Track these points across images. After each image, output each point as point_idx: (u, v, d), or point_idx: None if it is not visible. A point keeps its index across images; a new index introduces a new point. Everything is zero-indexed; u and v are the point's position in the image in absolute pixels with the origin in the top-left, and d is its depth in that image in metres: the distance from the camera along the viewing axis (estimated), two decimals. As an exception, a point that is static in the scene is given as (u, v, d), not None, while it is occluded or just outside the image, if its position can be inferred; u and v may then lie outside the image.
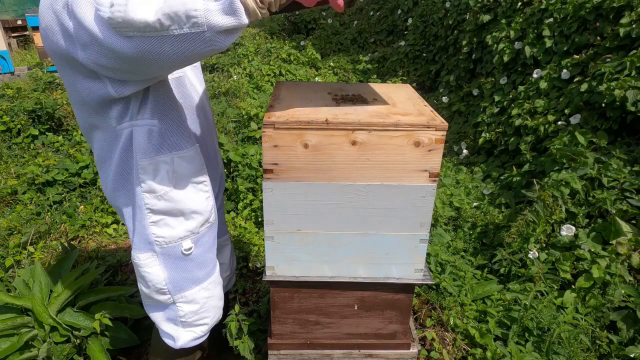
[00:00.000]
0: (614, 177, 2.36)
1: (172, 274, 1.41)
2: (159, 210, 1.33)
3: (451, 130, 4.16)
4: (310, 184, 1.27)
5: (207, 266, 1.50)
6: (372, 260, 1.40)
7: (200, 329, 1.54)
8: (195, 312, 1.49)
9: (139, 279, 1.44)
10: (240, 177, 3.28)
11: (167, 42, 0.97)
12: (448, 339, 2.14)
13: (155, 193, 1.31)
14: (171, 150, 1.30)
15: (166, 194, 1.32)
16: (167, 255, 1.39)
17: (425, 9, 5.57)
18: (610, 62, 2.78)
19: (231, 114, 4.19)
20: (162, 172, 1.30)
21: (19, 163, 3.92)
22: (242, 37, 6.74)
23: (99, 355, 1.83)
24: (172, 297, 1.44)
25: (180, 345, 1.52)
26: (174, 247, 1.39)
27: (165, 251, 1.38)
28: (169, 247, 1.38)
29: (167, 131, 1.28)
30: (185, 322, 1.50)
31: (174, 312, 1.47)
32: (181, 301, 1.46)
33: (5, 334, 1.79)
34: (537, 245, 2.34)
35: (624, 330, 1.96)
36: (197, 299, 1.48)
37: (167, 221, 1.35)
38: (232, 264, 1.88)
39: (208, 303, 1.52)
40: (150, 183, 1.29)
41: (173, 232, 1.37)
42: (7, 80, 6.10)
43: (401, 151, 1.23)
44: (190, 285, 1.45)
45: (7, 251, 2.63)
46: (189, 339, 1.52)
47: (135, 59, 1.01)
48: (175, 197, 1.34)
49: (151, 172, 1.28)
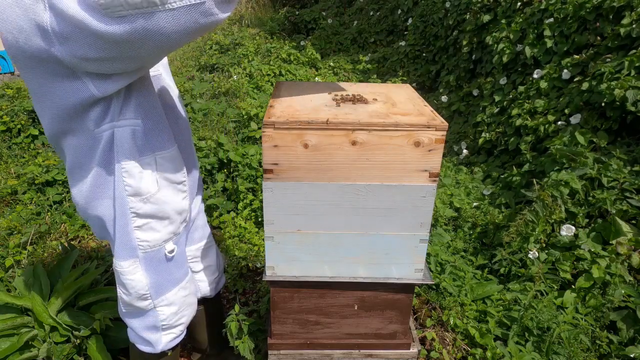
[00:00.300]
0: (613, 177, 2.36)
1: (154, 278, 1.39)
2: (144, 214, 1.29)
3: (451, 130, 4.16)
4: (310, 184, 1.27)
5: (183, 265, 1.50)
6: (372, 260, 1.40)
7: (178, 328, 1.55)
8: (175, 313, 1.50)
9: (119, 286, 1.40)
10: (240, 177, 3.28)
11: (164, 18, 0.92)
12: (448, 339, 2.14)
13: (141, 196, 1.27)
14: (154, 151, 1.26)
15: (152, 197, 1.29)
16: (150, 259, 1.36)
17: (425, 9, 5.57)
18: (610, 62, 2.78)
19: (231, 114, 4.19)
20: (146, 174, 1.26)
21: (19, 163, 3.92)
22: (242, 37, 6.74)
23: (99, 355, 1.83)
24: (152, 302, 1.42)
25: (161, 349, 1.52)
26: (158, 250, 1.37)
27: (149, 256, 1.36)
28: (153, 252, 1.36)
29: (150, 131, 1.24)
30: (165, 326, 1.49)
31: (154, 317, 1.46)
32: (162, 304, 1.45)
33: (5, 334, 1.79)
34: (537, 245, 2.34)
35: (624, 330, 1.96)
36: (175, 301, 1.48)
37: (152, 225, 1.32)
38: (219, 265, 1.86)
39: (185, 301, 1.53)
40: (136, 186, 1.25)
41: (157, 236, 1.35)
42: (7, 80, 6.10)
43: (401, 151, 1.23)
44: (171, 286, 1.45)
45: (7, 251, 2.63)
46: (169, 340, 1.53)
47: (128, 42, 0.95)
48: (161, 198, 1.31)
49: (136, 174, 1.24)
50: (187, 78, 5.34)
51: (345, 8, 7.75)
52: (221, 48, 6.62)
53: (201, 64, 6.28)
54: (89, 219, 1.37)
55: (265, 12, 9.23)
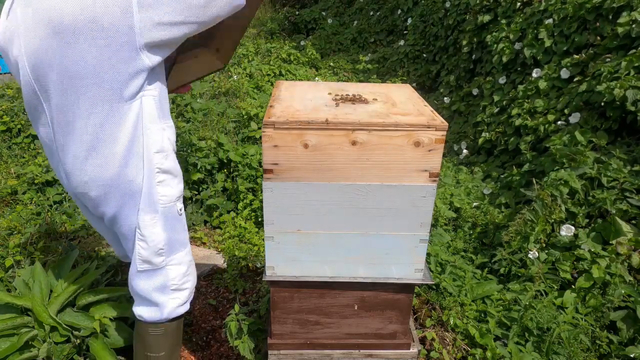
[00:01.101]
0: (613, 177, 2.36)
1: (169, 235, 1.51)
2: (165, 170, 1.44)
3: (451, 130, 4.16)
4: (310, 184, 1.27)
5: (186, 229, 1.61)
6: (372, 260, 1.40)
7: (183, 293, 1.61)
8: (183, 274, 1.59)
9: (138, 242, 1.49)
10: (240, 177, 3.28)
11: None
12: (448, 339, 2.14)
13: (164, 152, 1.42)
14: (163, 119, 1.43)
15: (170, 154, 1.46)
16: (166, 215, 1.49)
17: (425, 9, 5.57)
18: (610, 62, 2.78)
19: (231, 114, 4.19)
20: (164, 135, 1.42)
21: (19, 163, 3.92)
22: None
23: (103, 353, 1.83)
24: (165, 260, 1.53)
25: (166, 314, 1.59)
26: (172, 206, 1.50)
27: (166, 211, 1.48)
28: (169, 207, 1.49)
29: (161, 100, 1.41)
30: (173, 286, 1.58)
31: (165, 276, 1.55)
32: (172, 263, 1.55)
33: (5, 334, 1.79)
34: (537, 245, 2.34)
35: (624, 330, 1.97)
36: (184, 261, 1.59)
37: (168, 181, 1.47)
38: None
39: (191, 266, 1.63)
40: (160, 143, 1.40)
41: (172, 192, 1.49)
42: (7, 81, 6.09)
43: (401, 151, 1.23)
44: (179, 247, 1.57)
45: (7, 251, 2.63)
46: (175, 306, 1.59)
47: (211, 3, 1.21)
48: (173, 157, 1.49)
49: (159, 134, 1.39)
50: (187, 78, 5.33)
51: (345, 8, 7.75)
52: (221, 48, 6.61)
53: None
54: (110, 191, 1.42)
55: (265, 12, 9.24)
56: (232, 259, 2.77)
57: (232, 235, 2.98)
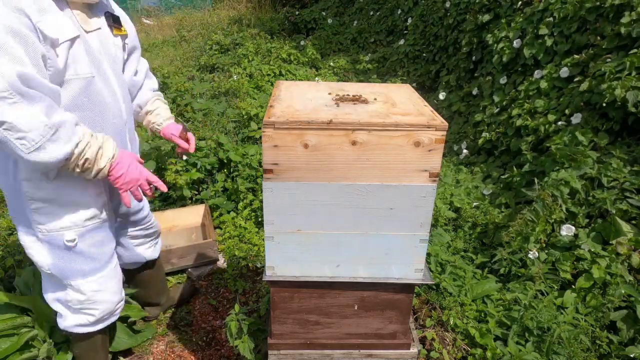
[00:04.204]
0: (614, 177, 2.36)
1: (57, 262, 1.47)
2: (38, 198, 1.38)
3: (451, 130, 4.16)
4: (310, 184, 1.27)
5: (95, 261, 1.54)
6: (372, 260, 1.40)
7: (86, 317, 1.59)
8: (81, 302, 1.56)
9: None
10: (240, 177, 3.28)
11: None
12: (448, 339, 2.14)
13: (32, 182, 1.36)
14: None
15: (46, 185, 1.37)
16: (51, 244, 1.45)
17: (425, 9, 5.56)
18: (610, 62, 2.78)
19: (231, 114, 4.19)
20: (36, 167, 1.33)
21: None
22: (242, 37, 6.75)
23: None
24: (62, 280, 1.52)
25: (64, 327, 1.60)
26: (56, 236, 1.44)
27: (50, 239, 1.44)
28: (51, 235, 1.44)
29: None
30: (70, 308, 1.57)
31: (64, 293, 1.55)
32: (69, 287, 1.54)
33: (5, 334, 1.79)
34: (537, 245, 2.34)
35: (624, 330, 1.96)
36: (83, 290, 1.54)
37: (47, 209, 1.40)
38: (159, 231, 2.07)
39: (96, 296, 1.57)
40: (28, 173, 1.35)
41: (54, 221, 1.42)
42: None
43: (401, 151, 1.23)
44: (76, 276, 1.52)
45: (7, 251, 2.63)
46: (73, 324, 1.60)
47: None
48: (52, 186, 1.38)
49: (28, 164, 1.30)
50: (187, 78, 5.34)
51: (345, 8, 7.75)
52: (221, 48, 6.62)
53: (201, 64, 6.28)
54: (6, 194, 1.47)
55: (265, 12, 9.24)
56: (232, 259, 2.77)
57: (232, 235, 2.98)
